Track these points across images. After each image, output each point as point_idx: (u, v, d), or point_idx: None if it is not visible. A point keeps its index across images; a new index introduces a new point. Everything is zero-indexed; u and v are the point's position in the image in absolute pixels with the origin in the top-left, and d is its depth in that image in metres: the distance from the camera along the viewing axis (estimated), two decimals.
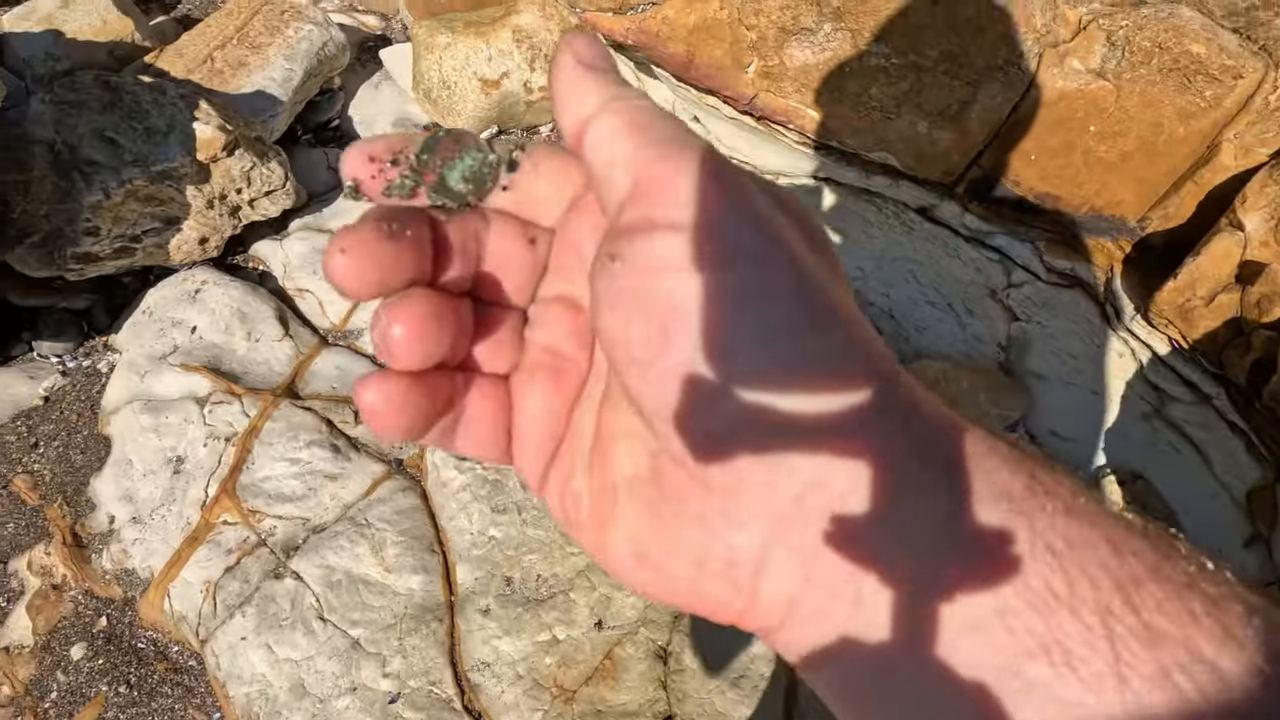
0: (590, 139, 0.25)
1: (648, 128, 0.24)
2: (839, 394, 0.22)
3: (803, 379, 0.22)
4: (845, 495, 0.22)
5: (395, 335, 0.25)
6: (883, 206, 1.92)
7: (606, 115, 0.24)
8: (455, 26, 2.16)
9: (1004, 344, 1.82)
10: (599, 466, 0.28)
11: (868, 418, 0.22)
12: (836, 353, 0.22)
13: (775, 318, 0.22)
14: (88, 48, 2.09)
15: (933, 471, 0.23)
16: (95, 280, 1.83)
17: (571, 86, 0.25)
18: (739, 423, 0.22)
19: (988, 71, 1.53)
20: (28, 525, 1.52)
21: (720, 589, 0.25)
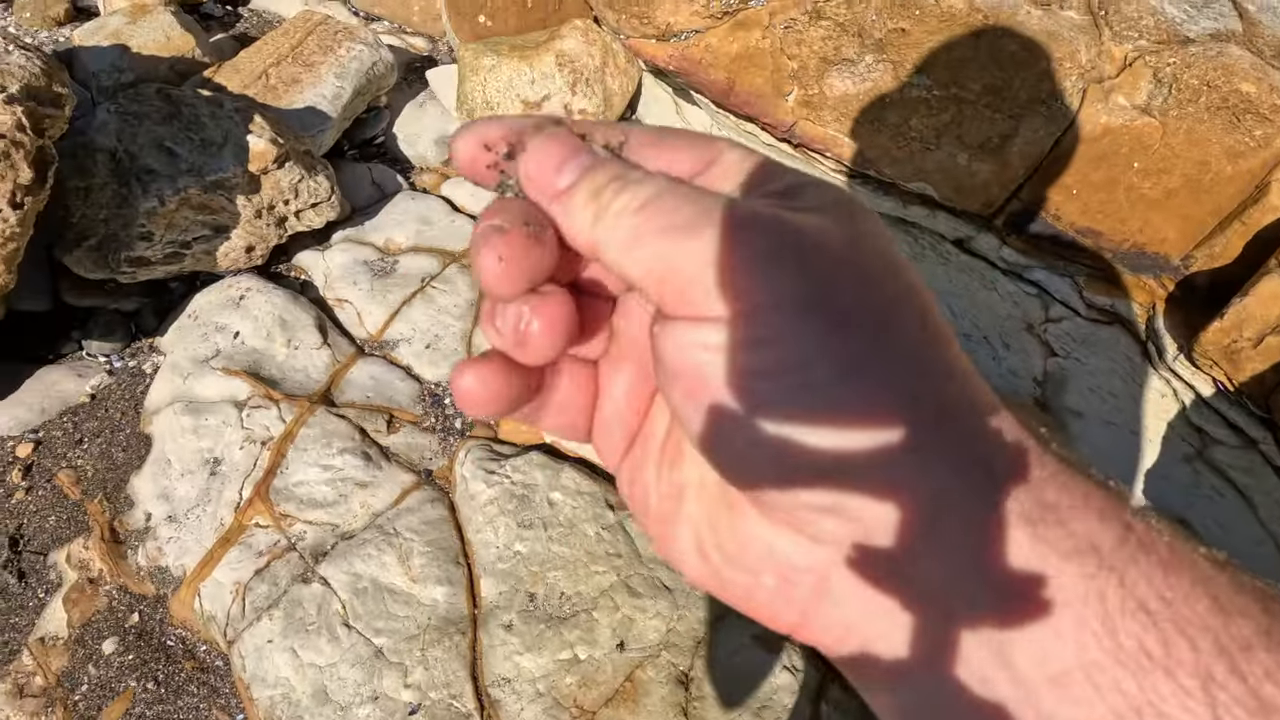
0: (603, 261, 0.26)
1: (645, 232, 0.24)
2: (881, 434, 0.22)
3: (843, 428, 0.22)
4: (907, 532, 0.22)
5: (534, 331, 0.26)
6: (919, 237, 1.92)
7: (600, 233, 0.25)
8: (500, 50, 2.22)
9: (1040, 379, 1.80)
10: (668, 466, 0.29)
11: (925, 459, 0.22)
12: (870, 397, 0.22)
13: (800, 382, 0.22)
14: (151, 62, 2.18)
15: (1009, 519, 0.22)
16: (145, 283, 1.89)
17: (559, 219, 0.26)
18: (785, 474, 0.23)
19: (1030, 105, 1.53)
20: (69, 519, 1.56)
21: (775, 603, 0.26)
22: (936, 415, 0.23)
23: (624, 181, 0.25)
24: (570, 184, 0.26)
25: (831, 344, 0.22)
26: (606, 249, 0.25)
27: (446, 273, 1.97)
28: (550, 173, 0.26)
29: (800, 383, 0.22)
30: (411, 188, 2.26)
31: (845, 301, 0.23)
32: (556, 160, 0.26)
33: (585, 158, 0.26)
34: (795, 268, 0.23)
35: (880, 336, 0.23)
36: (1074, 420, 1.80)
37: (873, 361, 0.22)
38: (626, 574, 1.46)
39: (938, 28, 1.51)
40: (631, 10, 1.77)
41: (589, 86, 2.25)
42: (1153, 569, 0.21)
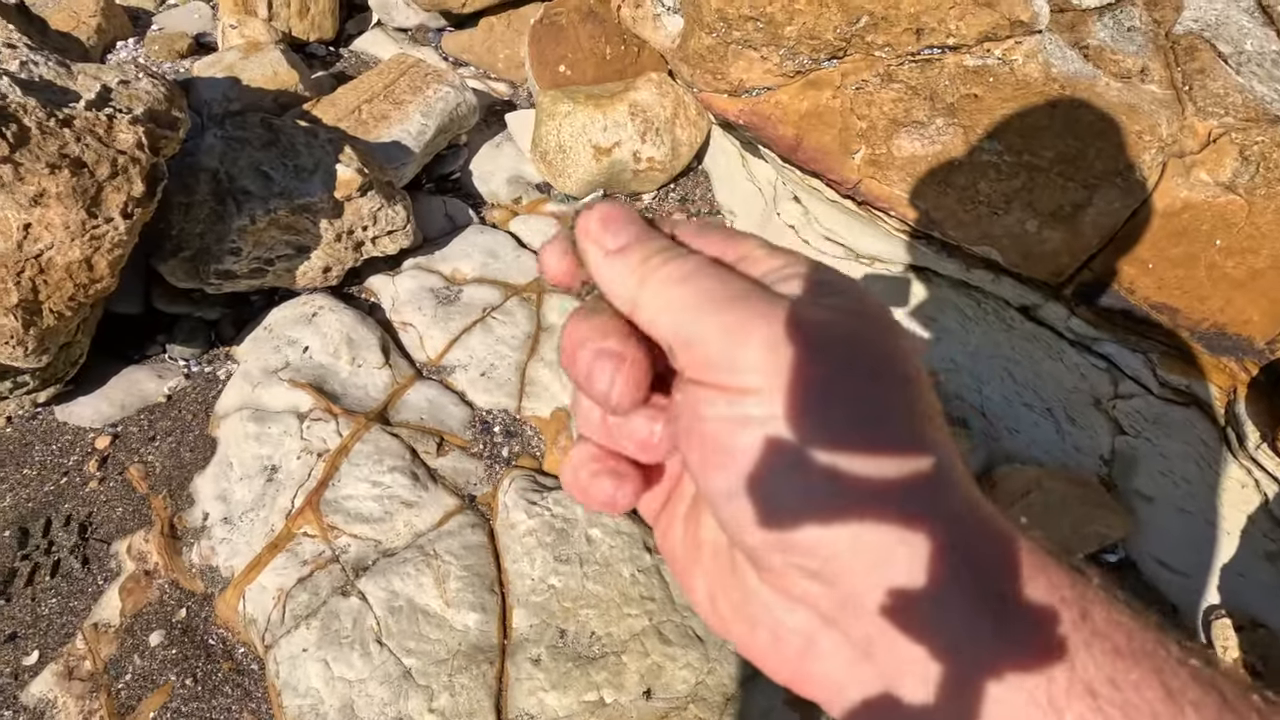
0: (640, 321, 0.29)
1: (679, 302, 0.27)
2: (861, 511, 0.24)
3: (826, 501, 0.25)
4: (886, 603, 0.24)
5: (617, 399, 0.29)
6: (982, 301, 1.88)
7: (643, 296, 0.28)
8: (577, 98, 2.32)
9: (1107, 458, 1.71)
10: (691, 524, 0.33)
11: (901, 534, 0.24)
12: (857, 478, 0.25)
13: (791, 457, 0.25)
14: (258, 94, 2.36)
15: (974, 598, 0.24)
16: (228, 295, 2.01)
17: (606, 278, 0.29)
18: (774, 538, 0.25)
19: (1106, 176, 1.50)
20: (134, 511, 1.64)
21: (770, 656, 0.29)
22: (930, 484, 0.25)
23: (670, 254, 0.28)
24: (623, 245, 0.29)
25: (825, 426, 0.25)
26: (645, 310, 0.28)
27: (507, 305, 2.03)
28: (607, 232, 0.29)
29: (786, 459, 0.25)
30: (481, 222, 2.35)
31: (844, 388, 0.25)
32: (617, 222, 0.29)
33: (640, 226, 0.30)
34: (804, 355, 0.25)
35: (871, 423, 0.25)
36: (1143, 504, 1.70)
37: (871, 447, 0.25)
38: (659, 619, 1.44)
39: (1012, 95, 1.51)
40: (706, 66, 1.83)
41: (658, 136, 2.32)
42: (1105, 655, 0.22)
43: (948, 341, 1.94)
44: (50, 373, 1.71)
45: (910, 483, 0.25)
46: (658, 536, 0.35)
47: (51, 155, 1.39)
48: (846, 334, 0.26)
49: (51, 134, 1.39)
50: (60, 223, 1.43)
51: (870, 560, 0.24)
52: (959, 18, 1.49)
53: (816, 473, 0.25)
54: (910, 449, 0.25)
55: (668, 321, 0.27)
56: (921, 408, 0.27)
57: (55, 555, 1.57)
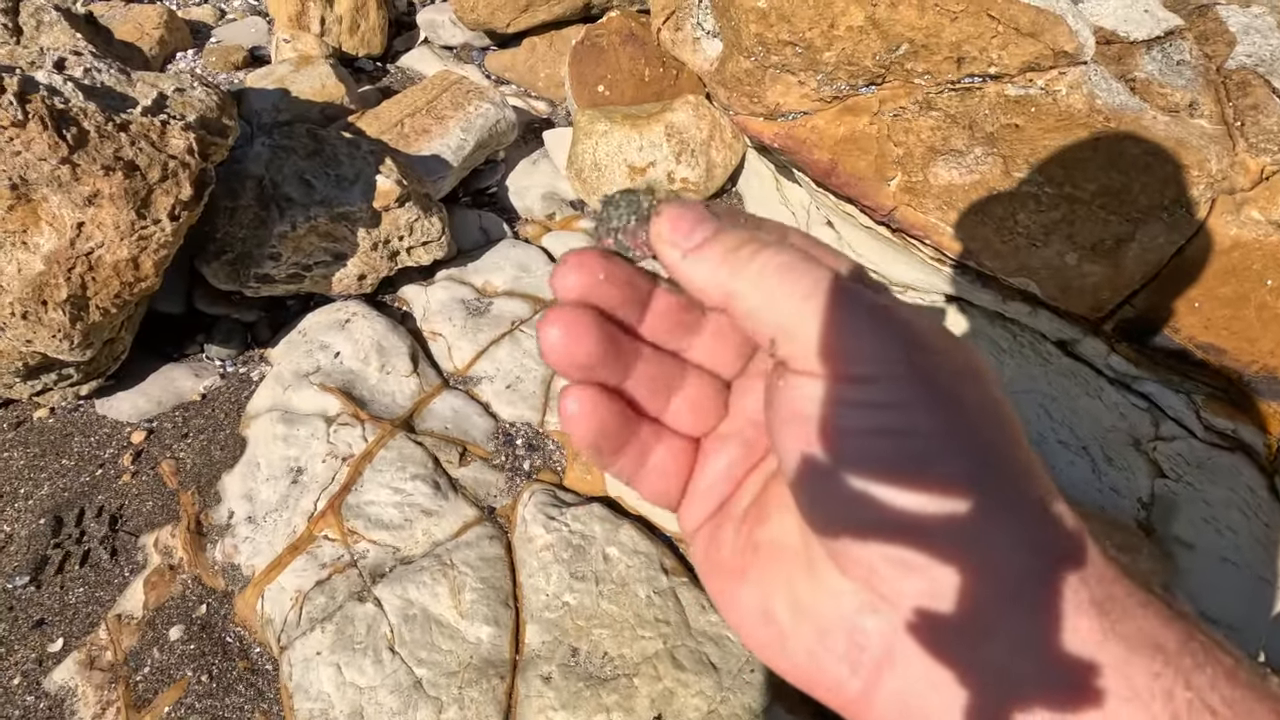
0: (736, 314, 0.28)
1: (783, 291, 0.26)
2: (961, 502, 0.23)
3: (930, 491, 0.24)
4: (975, 600, 0.23)
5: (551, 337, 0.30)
6: (1018, 334, 1.84)
7: (740, 286, 0.27)
8: (614, 117, 2.34)
9: (1146, 501, 1.65)
10: (750, 523, 0.31)
11: (999, 533, 0.23)
12: (956, 468, 0.24)
13: (902, 445, 0.25)
14: (306, 105, 2.44)
15: (1078, 603, 0.23)
16: (266, 299, 2.06)
17: (692, 277, 0.29)
18: (870, 526, 0.25)
19: (1151, 210, 1.46)
20: (164, 506, 1.67)
21: (839, 667, 0.26)
22: (1012, 496, 0.24)
23: (760, 243, 0.27)
24: (703, 240, 0.28)
25: (930, 416, 0.24)
26: (743, 300, 0.27)
27: (536, 319, 2.05)
28: (684, 230, 0.29)
29: (897, 446, 0.24)
30: (515, 236, 2.38)
31: (944, 384, 0.25)
32: (689, 220, 0.29)
33: (714, 221, 0.29)
34: (906, 347, 0.25)
35: (969, 421, 0.25)
36: (1183, 552, 1.63)
37: (962, 439, 0.25)
38: (674, 643, 1.41)
39: (1054, 126, 1.49)
40: (743, 89, 1.84)
41: (693, 157, 2.34)
42: (1218, 676, 0.22)
43: None
44: (93, 367, 1.77)
45: (1008, 485, 0.24)
46: (698, 547, 0.33)
47: (107, 158, 1.44)
48: (941, 334, 0.27)
49: (109, 137, 1.45)
50: (111, 222, 1.49)
51: (967, 558, 0.23)
52: (1001, 47, 1.47)
53: (931, 471, 0.24)
54: (1006, 454, 0.25)
55: (770, 312, 0.27)
56: (1008, 414, 0.26)
57: (86, 545, 1.61)
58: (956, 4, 1.46)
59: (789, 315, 0.26)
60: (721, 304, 0.28)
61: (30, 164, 1.39)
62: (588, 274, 0.30)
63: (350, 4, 3.01)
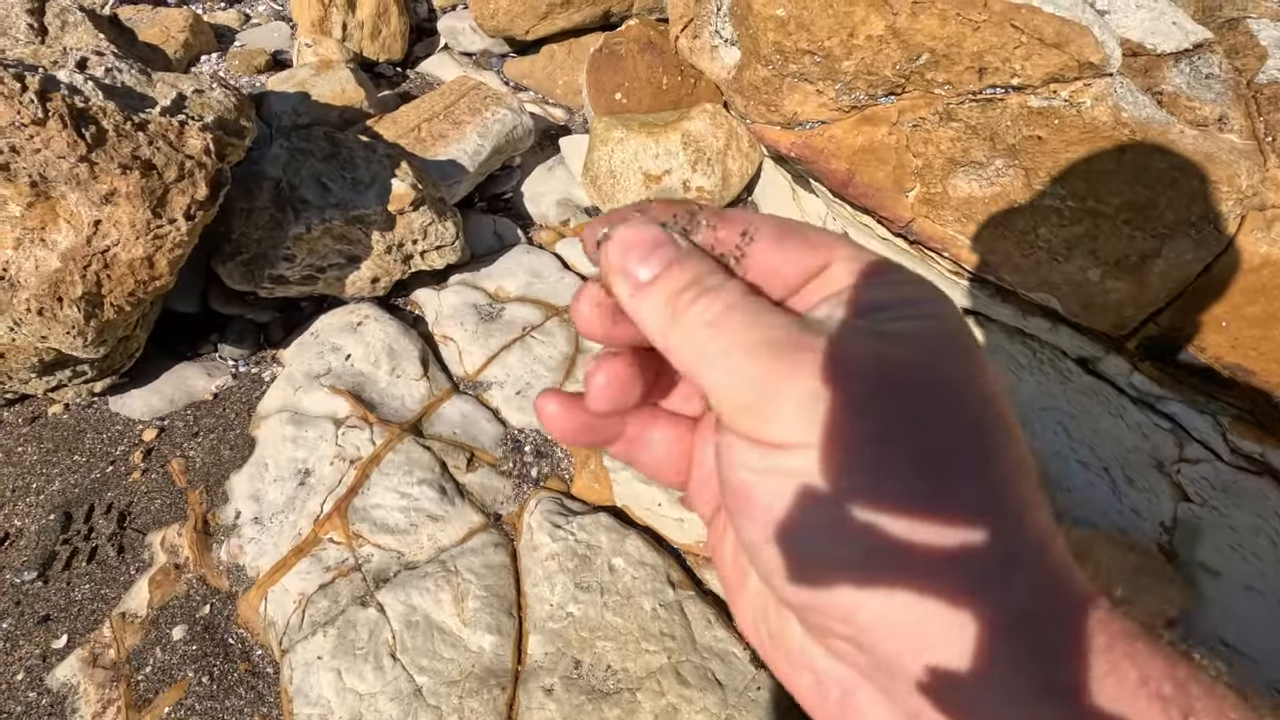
0: (673, 361, 0.26)
1: (713, 346, 0.25)
2: (909, 589, 0.22)
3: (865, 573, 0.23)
4: (928, 682, 0.22)
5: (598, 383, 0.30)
6: (1037, 350, 1.80)
7: (675, 337, 0.26)
8: (631, 125, 2.34)
9: (1169, 525, 1.60)
10: (738, 547, 0.31)
11: (949, 612, 0.22)
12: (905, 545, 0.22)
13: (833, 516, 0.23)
14: (325, 109, 2.45)
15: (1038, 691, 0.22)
16: (280, 300, 2.07)
17: (636, 316, 0.27)
18: (806, 587, 0.24)
19: (1177, 226, 1.43)
20: (171, 504, 1.67)
21: (811, 694, 0.27)
22: (993, 561, 0.22)
23: (702, 288, 0.26)
24: (650, 278, 0.26)
25: (875, 485, 0.22)
26: (675, 353, 0.26)
27: (547, 325, 2.03)
28: (632, 262, 0.27)
29: (828, 518, 0.23)
30: (529, 242, 2.38)
31: (899, 445, 0.23)
32: (641, 251, 0.27)
33: (669, 250, 0.26)
34: (846, 408, 0.23)
35: (938, 482, 0.23)
36: (1208, 579, 1.58)
37: (924, 506, 0.22)
38: (678, 658, 1.39)
39: (1078, 138, 1.46)
40: (760, 98, 1.83)
41: (709, 166, 2.32)
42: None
43: None
44: (108, 364, 1.78)
45: (967, 555, 0.22)
46: (711, 541, 0.33)
47: (125, 157, 1.45)
48: (906, 374, 0.23)
49: (127, 136, 1.46)
50: (127, 221, 1.49)
51: (911, 635, 0.22)
52: (1025, 58, 1.45)
53: (852, 535, 0.23)
54: (974, 513, 0.22)
55: (697, 368, 0.25)
56: (1001, 463, 0.23)
57: (94, 542, 1.61)
58: (979, 14, 1.44)
59: (710, 373, 0.25)
60: (662, 350, 0.27)
61: (49, 162, 1.41)
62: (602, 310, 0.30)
63: (372, 10, 3.03)
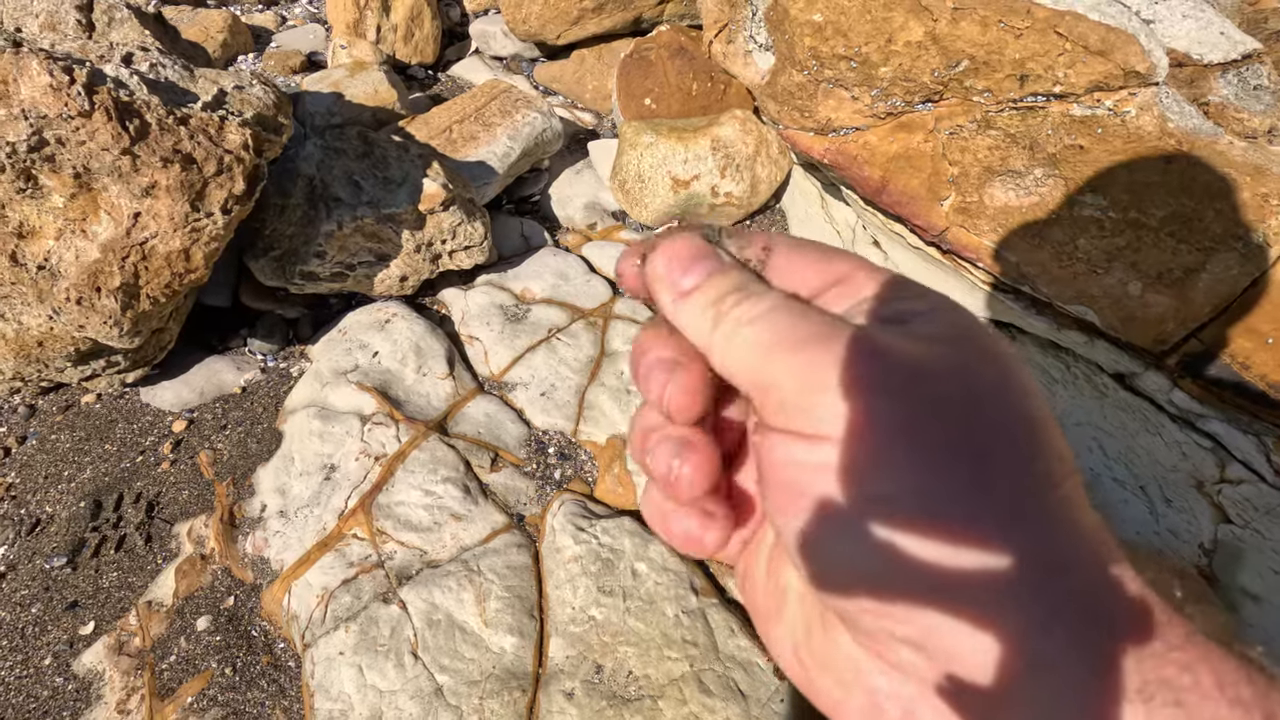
0: (714, 364, 0.27)
1: (756, 344, 0.25)
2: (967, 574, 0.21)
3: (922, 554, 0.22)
4: (994, 678, 0.21)
5: (685, 474, 0.29)
6: (1072, 365, 1.76)
7: (717, 339, 0.26)
8: (660, 130, 2.34)
9: (1208, 547, 1.56)
10: (775, 566, 0.30)
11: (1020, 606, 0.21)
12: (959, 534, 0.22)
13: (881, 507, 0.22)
14: (358, 109, 2.48)
15: (1118, 689, 0.20)
16: (310, 296, 2.09)
17: (677, 320, 0.28)
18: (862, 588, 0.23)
19: (1223, 239, 1.39)
20: (199, 496, 1.68)
21: (865, 718, 0.25)
22: (1041, 561, 0.22)
23: (745, 293, 0.26)
24: (694, 285, 0.27)
25: (919, 476, 0.22)
26: (718, 355, 0.26)
27: (573, 327, 2.03)
28: (676, 272, 0.28)
29: (883, 512, 0.22)
30: (555, 245, 2.38)
31: (939, 435, 0.22)
32: (685, 261, 0.28)
33: (711, 262, 0.28)
34: (888, 397, 0.23)
35: (979, 475, 0.22)
36: (1248, 603, 1.53)
37: (965, 499, 0.22)
38: (700, 666, 1.37)
39: (1121, 148, 1.43)
40: (794, 104, 1.82)
41: (738, 172, 2.31)
42: None
43: None
44: (141, 355, 1.80)
45: (1035, 548, 0.21)
46: (738, 579, 0.32)
47: (166, 150, 1.48)
48: (952, 372, 0.23)
49: (169, 130, 1.48)
50: (166, 214, 1.52)
51: (975, 643, 0.21)
52: (1068, 65, 1.42)
53: (909, 534, 0.22)
54: (1034, 508, 0.22)
55: (741, 366, 0.26)
56: (1048, 456, 0.23)
57: (122, 530, 1.63)
58: (1022, 20, 1.42)
59: (754, 371, 0.25)
60: (704, 350, 0.27)
61: (93, 154, 1.43)
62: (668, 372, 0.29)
63: (406, 13, 3.07)
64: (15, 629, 1.47)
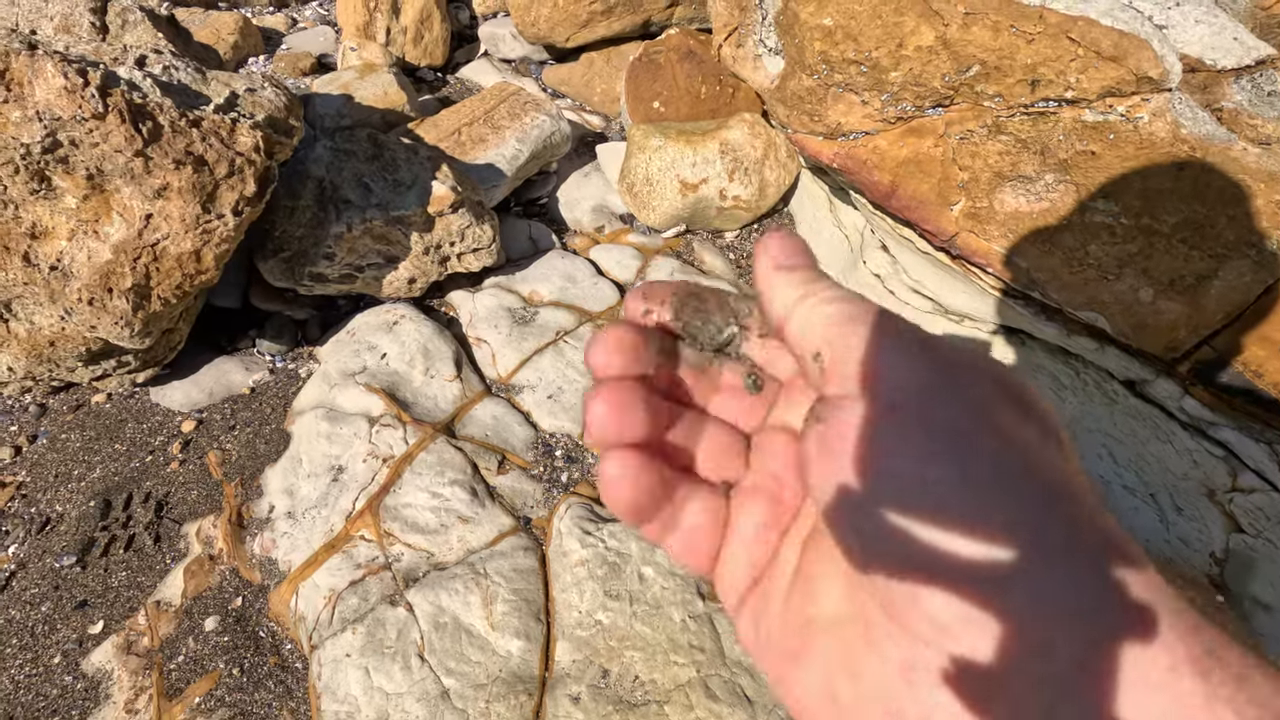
0: (790, 330, 0.30)
1: (836, 315, 0.28)
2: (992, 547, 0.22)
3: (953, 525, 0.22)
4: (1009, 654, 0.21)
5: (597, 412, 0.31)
6: (1081, 371, 1.75)
7: (801, 308, 0.29)
8: (668, 133, 2.34)
9: (1220, 557, 1.54)
10: (797, 599, 0.29)
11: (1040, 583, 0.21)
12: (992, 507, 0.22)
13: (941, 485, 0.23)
14: (368, 111, 2.49)
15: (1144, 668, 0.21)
16: (318, 297, 2.09)
17: (770, 287, 0.31)
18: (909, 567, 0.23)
19: (1237, 246, 1.38)
20: (208, 496, 1.69)
21: None
22: (1062, 544, 0.22)
23: (829, 282, 0.30)
24: (795, 264, 0.31)
25: (974, 456, 0.23)
26: (798, 320, 0.29)
27: (581, 330, 2.03)
28: (784, 252, 0.31)
29: (926, 479, 0.23)
30: (563, 248, 2.38)
31: (993, 419, 0.24)
32: (795, 247, 0.32)
33: (811, 256, 0.32)
34: (948, 381, 0.25)
35: (1021, 464, 0.23)
36: (1260, 614, 1.51)
37: (1011, 485, 0.23)
38: (707, 672, 1.36)
39: (1133, 154, 1.42)
40: (804, 108, 1.81)
41: (746, 175, 2.31)
42: None
43: None
44: (151, 355, 1.81)
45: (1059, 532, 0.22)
46: (743, 627, 0.31)
47: (178, 152, 1.48)
48: (987, 370, 0.26)
49: (181, 132, 1.49)
50: (178, 215, 1.52)
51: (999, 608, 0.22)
52: (1080, 70, 1.42)
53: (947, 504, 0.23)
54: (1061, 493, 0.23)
55: (819, 333, 0.28)
56: (1066, 450, 0.25)
57: (131, 530, 1.64)
58: (1034, 25, 1.41)
59: (834, 338, 0.27)
60: (783, 318, 0.30)
61: (107, 155, 1.44)
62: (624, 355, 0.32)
63: (415, 16, 3.08)
64: (25, 627, 1.48)
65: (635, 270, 2.27)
